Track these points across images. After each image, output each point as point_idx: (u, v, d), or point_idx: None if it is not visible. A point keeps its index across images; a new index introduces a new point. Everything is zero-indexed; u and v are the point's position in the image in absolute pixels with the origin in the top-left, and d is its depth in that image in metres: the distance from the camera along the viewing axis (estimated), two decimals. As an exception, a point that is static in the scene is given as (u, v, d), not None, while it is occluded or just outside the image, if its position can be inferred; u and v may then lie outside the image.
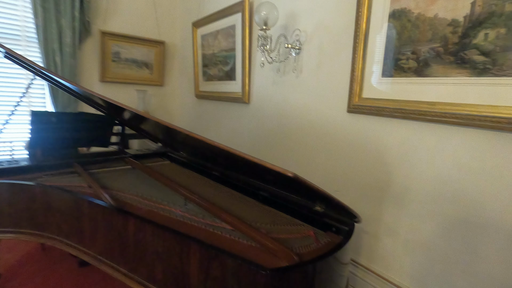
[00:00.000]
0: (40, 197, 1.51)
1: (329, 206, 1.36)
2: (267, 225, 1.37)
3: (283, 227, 1.37)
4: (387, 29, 1.47)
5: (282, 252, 1.10)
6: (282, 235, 1.27)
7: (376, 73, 1.55)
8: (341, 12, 1.74)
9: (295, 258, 1.06)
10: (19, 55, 1.60)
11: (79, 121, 2.10)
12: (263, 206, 1.60)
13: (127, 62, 3.44)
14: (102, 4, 3.22)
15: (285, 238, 1.25)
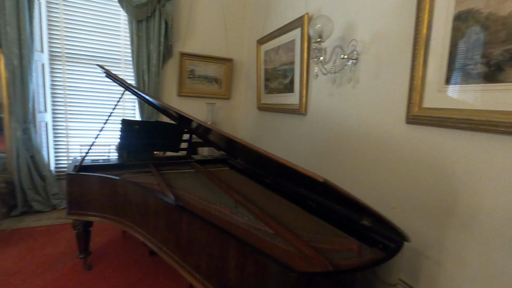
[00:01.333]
0: (121, 190, 1.83)
1: (377, 221, 1.29)
2: (309, 233, 1.37)
3: (326, 237, 1.35)
4: (451, 33, 1.34)
5: (317, 260, 1.10)
6: (323, 245, 1.26)
7: (439, 81, 1.41)
8: (399, 20, 1.66)
9: (329, 267, 1.04)
10: (114, 75, 2.00)
11: (156, 128, 2.47)
12: (310, 215, 1.60)
13: (200, 78, 3.87)
14: (182, 30, 3.73)
15: (325, 248, 1.23)
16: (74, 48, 3.43)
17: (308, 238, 1.32)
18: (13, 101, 3.02)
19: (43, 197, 3.26)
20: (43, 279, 2.11)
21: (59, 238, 2.70)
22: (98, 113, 3.62)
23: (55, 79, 3.40)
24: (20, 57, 2.96)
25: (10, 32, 2.89)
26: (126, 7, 3.27)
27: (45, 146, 3.34)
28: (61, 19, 3.33)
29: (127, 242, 2.71)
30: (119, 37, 3.59)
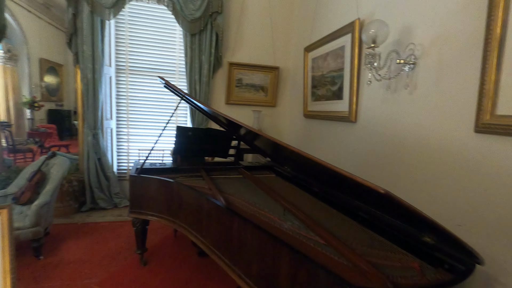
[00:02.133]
0: (176, 192, 1.96)
1: (442, 239, 1.18)
2: (363, 247, 1.31)
3: (382, 252, 1.28)
4: (533, 32, 1.19)
5: (375, 276, 1.04)
6: (379, 260, 1.19)
7: (517, 85, 1.26)
8: (465, 19, 1.53)
9: (389, 285, 0.98)
10: (173, 85, 2.17)
11: (207, 135, 2.60)
12: (362, 227, 1.53)
13: (247, 86, 3.99)
14: (231, 41, 3.90)
15: (381, 263, 1.17)
16: (136, 62, 3.79)
17: (362, 251, 1.26)
18: (86, 110, 3.44)
19: (107, 196, 3.62)
20: (107, 270, 2.34)
21: (120, 234, 2.97)
22: (154, 120, 3.93)
23: (120, 89, 3.79)
24: (93, 71, 3.37)
25: (86, 50, 3.31)
26: (182, 23, 3.53)
27: (109, 150, 3.72)
28: (126, 36, 3.72)
29: (178, 242, 2.86)
30: (174, 50, 3.88)
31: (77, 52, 3.34)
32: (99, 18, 3.33)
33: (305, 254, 1.08)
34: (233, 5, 3.84)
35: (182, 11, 3.49)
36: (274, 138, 1.61)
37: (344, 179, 1.16)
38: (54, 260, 2.43)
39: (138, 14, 3.70)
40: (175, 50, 3.89)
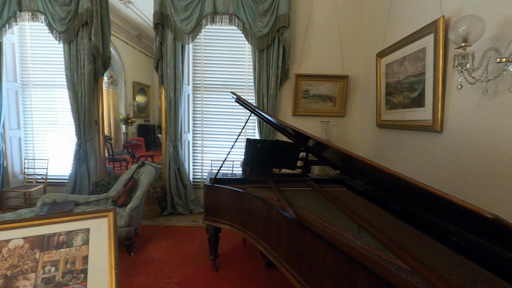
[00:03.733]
0: (247, 203, 2.02)
1: None
2: (460, 279, 1.12)
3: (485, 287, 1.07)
4: None
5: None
6: (482, 297, 1.00)
7: None
8: None
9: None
10: (244, 100, 2.28)
11: (276, 147, 2.63)
12: (456, 255, 1.32)
13: (314, 97, 3.93)
14: (298, 53, 3.92)
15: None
16: (210, 79, 4.13)
17: (459, 284, 1.08)
18: (168, 124, 3.88)
19: (184, 202, 3.97)
20: (184, 271, 2.54)
21: (195, 239, 3.20)
22: (225, 132, 4.19)
23: (196, 105, 4.17)
24: (175, 90, 3.80)
25: (169, 72, 3.76)
26: (251, 40, 3.72)
27: (186, 160, 4.09)
28: (201, 57, 4.10)
29: (247, 251, 2.93)
30: (243, 66, 4.10)
31: (162, 74, 3.82)
32: (180, 43, 3.76)
33: (388, 281, 0.98)
34: (300, 18, 3.88)
35: (251, 29, 3.69)
36: (346, 149, 1.53)
37: (436, 198, 1.03)
38: (141, 257, 2.76)
39: (212, 36, 4.05)
40: (244, 66, 4.11)
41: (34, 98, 4.13)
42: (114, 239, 0.88)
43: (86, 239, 0.91)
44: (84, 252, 0.87)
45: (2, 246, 0.82)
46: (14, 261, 0.80)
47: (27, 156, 4.16)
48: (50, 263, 0.84)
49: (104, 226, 0.91)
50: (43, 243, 0.87)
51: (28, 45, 4.07)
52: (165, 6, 3.69)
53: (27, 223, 0.87)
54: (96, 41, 3.63)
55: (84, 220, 0.95)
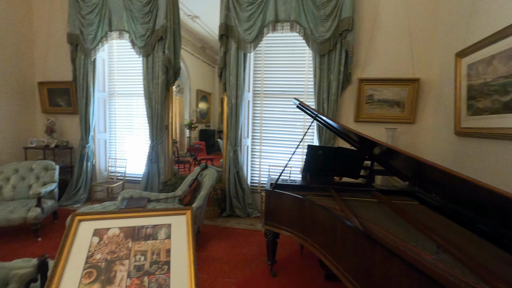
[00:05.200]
0: (308, 210, 1.98)
1: None
2: None
3: None
4: None
5: None
6: None
7: None
8: None
9: None
10: (306, 105, 2.25)
11: (338, 154, 2.53)
12: None
13: (379, 102, 3.69)
14: (361, 56, 3.74)
15: None
16: (269, 86, 4.21)
17: None
18: (229, 130, 4.05)
19: (242, 205, 4.08)
20: (242, 273, 2.59)
21: (253, 242, 3.25)
22: (283, 138, 4.20)
23: (255, 111, 4.28)
24: (236, 97, 3.96)
25: (231, 79, 3.94)
26: (312, 45, 3.68)
27: (245, 164, 4.21)
28: (262, 64, 4.21)
29: (305, 259, 2.87)
30: (303, 72, 4.08)
31: (225, 82, 4.02)
32: (243, 52, 3.92)
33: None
34: (365, 20, 3.70)
35: (312, 34, 3.65)
36: (425, 159, 1.39)
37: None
38: (203, 255, 2.91)
39: (272, 43, 4.13)
40: (304, 72, 4.08)
41: (117, 105, 4.75)
42: (192, 235, 0.95)
43: (169, 234, 1.00)
44: (167, 246, 0.96)
45: (104, 233, 0.96)
46: (112, 248, 0.93)
47: (110, 156, 4.79)
48: (140, 252, 0.95)
49: (183, 222, 0.99)
50: (134, 234, 0.98)
51: (114, 59, 4.72)
52: (230, 18, 3.90)
53: (122, 215, 1.00)
54: (169, 54, 4.01)
55: (167, 216, 1.06)
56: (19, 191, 3.43)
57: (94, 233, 0.96)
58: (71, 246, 0.90)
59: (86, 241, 0.93)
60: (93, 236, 0.95)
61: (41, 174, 3.58)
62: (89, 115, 4.40)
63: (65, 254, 0.87)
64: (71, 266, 0.86)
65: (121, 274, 0.85)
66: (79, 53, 4.35)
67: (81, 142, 4.46)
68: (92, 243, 0.93)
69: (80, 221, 0.99)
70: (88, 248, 0.91)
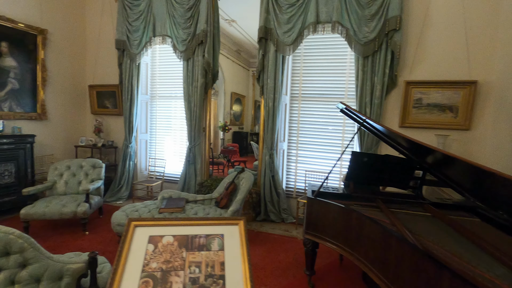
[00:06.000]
0: (355, 222, 1.86)
1: None
2: None
3: None
4: None
5: None
6: None
7: None
8: None
9: None
10: (353, 109, 2.13)
11: (385, 162, 2.37)
12: None
13: (428, 107, 3.41)
14: (409, 58, 3.49)
15: None
16: (308, 89, 4.10)
17: None
18: (265, 133, 4.01)
19: (276, 210, 4.01)
20: (278, 281, 2.52)
21: (288, 249, 3.17)
22: (321, 143, 4.06)
23: (292, 115, 4.20)
24: (273, 100, 3.91)
25: (269, 82, 3.90)
26: (355, 47, 3.51)
27: (280, 169, 4.14)
28: (300, 67, 4.11)
29: (344, 271, 2.73)
30: (344, 75, 3.92)
31: (263, 85, 3.99)
32: (281, 55, 3.86)
33: None
34: (414, 18, 3.46)
35: (355, 35, 3.49)
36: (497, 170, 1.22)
37: None
38: (239, 259, 2.88)
39: (311, 45, 4.03)
40: (345, 75, 3.91)
41: (158, 107, 4.95)
42: (247, 249, 0.91)
43: (222, 245, 0.97)
44: (221, 258, 0.93)
45: (158, 240, 0.96)
46: (167, 257, 0.92)
47: (150, 156, 4.99)
48: (195, 264, 0.93)
49: (236, 233, 0.96)
50: (188, 243, 0.97)
51: (157, 64, 4.92)
52: (269, 20, 3.86)
53: (175, 222, 0.99)
54: (209, 57, 4.08)
55: (219, 225, 1.03)
56: (70, 186, 3.68)
57: (149, 240, 0.96)
58: (128, 252, 0.91)
59: (142, 248, 0.93)
60: (148, 243, 0.95)
61: (89, 171, 3.81)
62: (132, 116, 4.62)
63: (123, 260, 0.88)
64: (129, 273, 0.86)
65: (176, 286, 0.84)
66: (126, 58, 4.59)
67: (125, 142, 4.70)
68: (148, 251, 0.93)
69: (135, 227, 0.99)
70: (144, 255, 0.91)
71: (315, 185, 2.55)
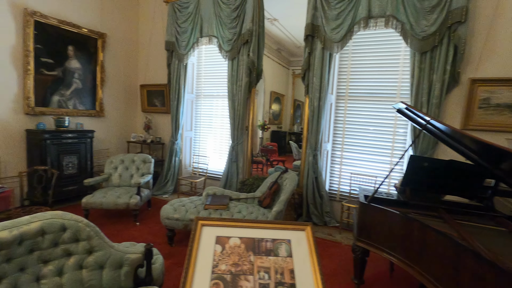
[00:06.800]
0: (417, 233, 1.71)
1: None
2: None
3: None
4: None
5: None
6: None
7: None
8: None
9: None
10: (416, 109, 1.96)
11: (449, 169, 2.15)
12: None
13: (498, 108, 3.04)
14: (475, 52, 3.14)
15: None
16: (355, 88, 3.91)
17: None
18: (309, 133, 3.91)
19: (319, 213, 3.89)
20: None
21: (332, 254, 3.05)
22: (368, 145, 3.85)
23: (338, 115, 4.04)
24: (319, 99, 3.79)
25: (315, 81, 3.79)
26: (411, 42, 3.26)
27: (324, 170, 4.01)
28: (348, 65, 3.94)
29: (397, 283, 2.55)
30: (396, 73, 3.66)
31: (308, 84, 3.89)
32: (328, 52, 3.72)
33: None
34: (482, 8, 3.10)
35: (412, 29, 3.23)
36: None
37: None
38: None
39: (360, 42, 3.83)
40: (397, 73, 3.65)
41: (202, 106, 5.09)
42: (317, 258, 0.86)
43: (289, 251, 0.94)
44: (289, 265, 0.90)
45: (225, 242, 0.96)
46: (235, 259, 0.91)
47: (194, 153, 5.17)
48: (263, 269, 0.91)
49: (303, 240, 0.92)
50: (254, 246, 0.95)
51: (202, 63, 5.06)
52: (317, 17, 3.75)
53: (240, 224, 0.99)
54: (253, 57, 4.09)
55: (284, 230, 1.00)
56: (123, 179, 3.94)
57: (217, 240, 0.96)
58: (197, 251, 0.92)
59: (210, 248, 0.94)
60: (216, 244, 0.95)
61: (140, 165, 4.05)
62: (179, 114, 4.81)
63: (193, 260, 0.89)
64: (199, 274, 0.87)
65: (247, 291, 0.83)
66: (174, 58, 4.79)
67: (171, 139, 4.91)
68: (216, 251, 0.93)
69: (202, 226, 1.01)
70: (213, 256, 0.92)
71: (367, 189, 2.41)
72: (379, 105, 3.76)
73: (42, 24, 3.93)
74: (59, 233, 1.59)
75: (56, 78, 4.18)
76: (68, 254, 1.62)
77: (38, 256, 1.51)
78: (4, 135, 3.70)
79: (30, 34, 3.79)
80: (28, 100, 3.86)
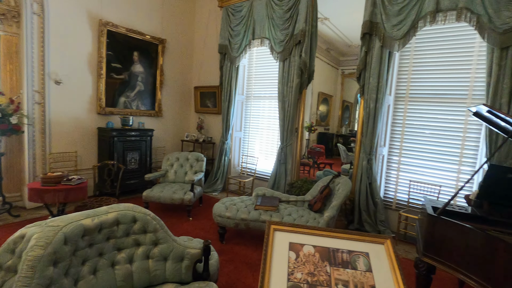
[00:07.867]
0: (502, 254, 1.50)
1: None
2: None
3: None
4: None
5: None
6: None
7: None
8: None
9: None
10: (501, 113, 1.73)
11: (541, 182, 1.85)
12: None
13: None
14: None
15: None
16: (417, 89, 3.60)
17: None
18: (364, 136, 3.71)
19: (372, 221, 3.67)
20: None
21: (389, 267, 2.85)
22: (431, 150, 3.52)
23: (396, 117, 3.77)
24: (376, 101, 3.58)
25: (372, 81, 3.59)
26: (488, 36, 2.89)
27: (379, 176, 3.77)
28: (409, 64, 3.64)
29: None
30: (468, 72, 3.28)
31: (364, 85, 3.70)
32: (387, 51, 3.49)
33: None
34: None
35: (490, 22, 2.87)
36: None
37: None
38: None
39: (425, 38, 3.51)
40: (470, 72, 3.27)
41: (252, 107, 5.17)
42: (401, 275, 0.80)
43: (368, 265, 0.89)
44: (370, 281, 0.85)
45: (299, 249, 0.95)
46: (311, 269, 0.90)
47: (243, 153, 5.27)
48: (341, 282, 0.88)
49: (382, 254, 0.87)
50: (330, 257, 0.93)
51: (253, 65, 5.14)
52: (375, 14, 3.54)
53: (313, 231, 0.97)
54: (306, 57, 4.02)
55: (362, 242, 0.95)
56: (178, 176, 4.18)
57: (290, 247, 0.96)
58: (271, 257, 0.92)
59: (284, 255, 0.93)
60: (289, 251, 0.95)
61: (193, 163, 4.25)
62: (230, 115, 4.95)
63: (268, 264, 0.90)
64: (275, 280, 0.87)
65: (325, 302, 0.80)
66: (226, 61, 4.94)
67: (222, 139, 5.08)
68: (290, 258, 0.93)
69: (275, 231, 1.01)
70: (287, 263, 0.91)
71: (434, 200, 2.20)
72: (446, 108, 3.42)
73: (113, 33, 4.36)
74: (131, 224, 1.73)
75: (123, 81, 4.61)
76: (138, 244, 1.75)
77: (113, 243, 1.66)
78: (81, 133, 4.19)
79: (103, 42, 4.24)
80: (100, 101, 4.32)
